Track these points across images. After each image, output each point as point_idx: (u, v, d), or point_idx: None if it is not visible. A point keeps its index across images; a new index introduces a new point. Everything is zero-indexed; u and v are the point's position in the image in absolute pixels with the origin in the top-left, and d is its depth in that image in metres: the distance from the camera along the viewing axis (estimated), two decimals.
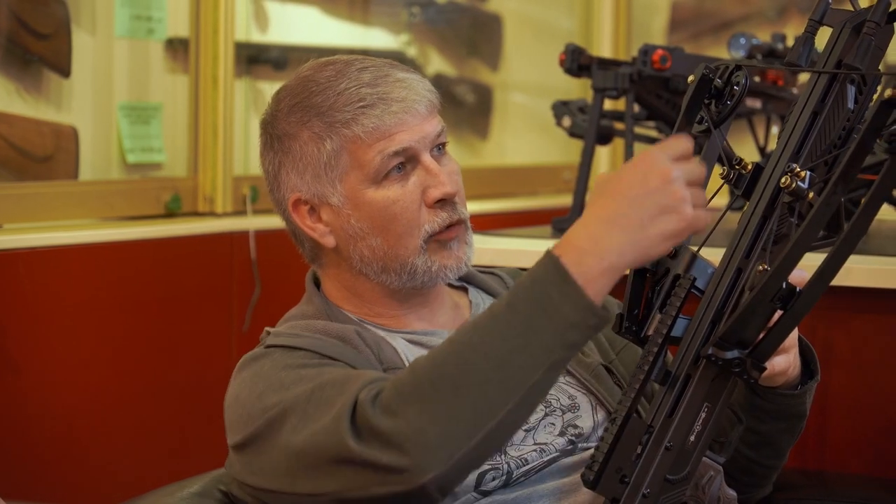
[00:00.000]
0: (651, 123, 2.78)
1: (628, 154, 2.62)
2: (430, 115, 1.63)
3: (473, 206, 1.74)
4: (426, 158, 1.62)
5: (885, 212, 2.58)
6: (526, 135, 4.37)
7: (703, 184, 1.38)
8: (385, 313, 1.68)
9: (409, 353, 1.62)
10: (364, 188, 1.61)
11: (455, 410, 1.35)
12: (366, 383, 1.42)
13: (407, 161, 1.61)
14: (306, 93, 1.63)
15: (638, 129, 2.72)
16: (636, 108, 2.65)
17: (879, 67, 1.37)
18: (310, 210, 1.65)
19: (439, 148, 1.65)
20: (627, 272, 1.41)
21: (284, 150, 1.65)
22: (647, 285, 1.44)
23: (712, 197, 1.49)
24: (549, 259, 1.35)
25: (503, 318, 1.36)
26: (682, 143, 1.37)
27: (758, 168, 1.40)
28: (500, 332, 1.35)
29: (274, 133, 1.66)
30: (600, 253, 1.33)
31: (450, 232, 1.63)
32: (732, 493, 1.42)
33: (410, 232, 1.61)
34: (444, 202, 1.62)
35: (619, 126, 2.72)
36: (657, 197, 1.34)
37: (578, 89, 4.08)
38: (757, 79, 2.69)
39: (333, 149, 1.61)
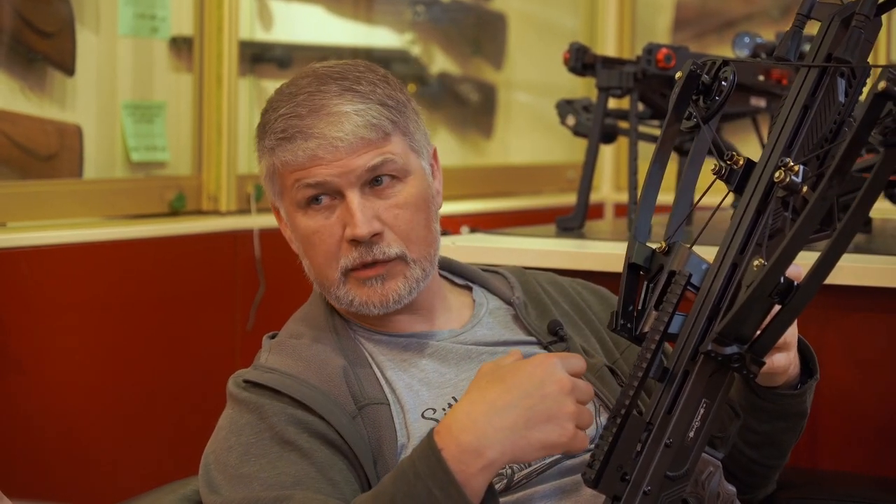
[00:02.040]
0: (655, 122, 2.77)
1: (632, 153, 2.61)
2: (363, 150, 1.59)
3: (476, 205, 1.73)
4: (349, 194, 1.59)
5: (888, 211, 2.58)
6: (530, 134, 4.37)
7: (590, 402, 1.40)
8: (375, 318, 1.67)
9: (397, 381, 1.62)
10: (294, 211, 1.63)
11: None
12: None
13: (331, 193, 1.60)
14: (268, 104, 1.65)
15: (642, 128, 2.71)
16: (640, 106, 2.65)
17: (868, 60, 1.37)
18: (280, 217, 1.69)
19: (378, 180, 1.61)
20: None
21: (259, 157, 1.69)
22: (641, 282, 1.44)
23: (703, 195, 1.49)
24: (432, 453, 1.35)
25: None
26: (580, 361, 1.39)
27: (749, 163, 1.39)
28: None
29: None
30: (480, 449, 1.34)
31: (367, 270, 1.61)
32: (732, 488, 1.41)
33: (329, 263, 1.61)
34: (358, 242, 1.60)
35: (624, 125, 2.71)
36: (549, 403, 1.35)
37: (582, 88, 4.08)
38: (761, 77, 2.69)
39: (268, 169, 1.64)
